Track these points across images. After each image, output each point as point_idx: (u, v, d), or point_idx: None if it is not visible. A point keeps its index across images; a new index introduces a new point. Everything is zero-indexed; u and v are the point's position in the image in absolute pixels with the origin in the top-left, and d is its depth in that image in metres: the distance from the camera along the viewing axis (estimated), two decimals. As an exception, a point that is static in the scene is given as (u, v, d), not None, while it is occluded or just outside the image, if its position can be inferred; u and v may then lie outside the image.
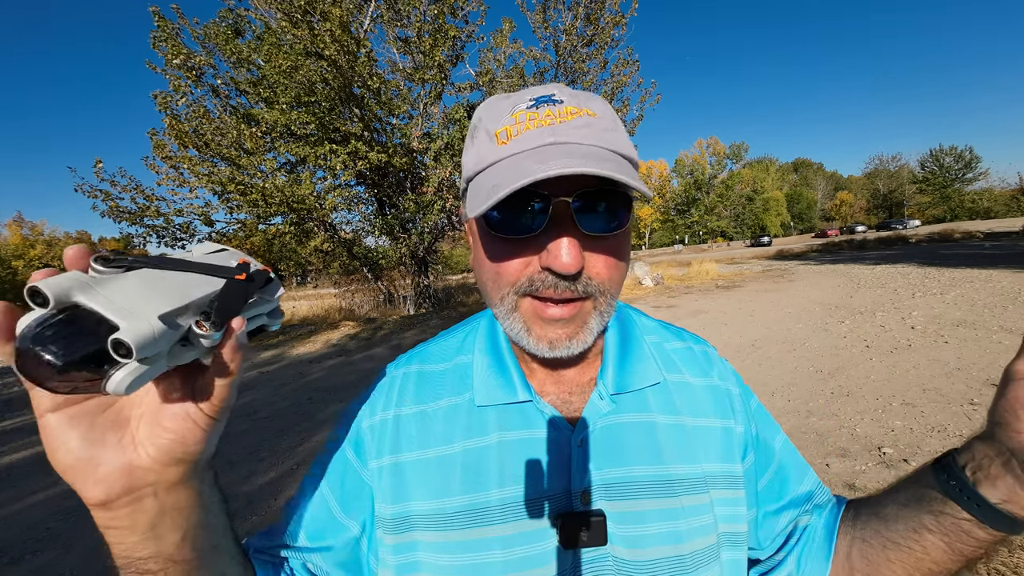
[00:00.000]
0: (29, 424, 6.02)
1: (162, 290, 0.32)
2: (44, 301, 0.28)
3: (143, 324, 0.29)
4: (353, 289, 14.52)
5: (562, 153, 0.42)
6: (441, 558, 0.48)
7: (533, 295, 0.46)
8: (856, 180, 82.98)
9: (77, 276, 0.29)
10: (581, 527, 0.47)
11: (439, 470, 0.51)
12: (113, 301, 0.29)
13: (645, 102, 12.04)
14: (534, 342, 0.47)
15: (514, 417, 0.53)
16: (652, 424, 0.53)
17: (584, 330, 0.47)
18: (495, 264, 0.47)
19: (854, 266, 14.79)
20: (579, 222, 0.43)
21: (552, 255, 0.43)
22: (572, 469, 0.50)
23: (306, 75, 8.85)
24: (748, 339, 6.36)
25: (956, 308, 6.77)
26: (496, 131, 0.47)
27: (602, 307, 0.47)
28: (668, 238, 73.40)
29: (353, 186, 12.08)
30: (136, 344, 0.28)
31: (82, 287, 0.29)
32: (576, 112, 0.46)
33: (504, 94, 0.52)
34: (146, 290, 0.31)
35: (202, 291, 0.34)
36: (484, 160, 0.47)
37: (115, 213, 9.31)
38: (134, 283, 0.31)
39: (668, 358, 0.60)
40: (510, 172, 0.42)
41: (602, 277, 0.46)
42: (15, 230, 43.40)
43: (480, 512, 0.49)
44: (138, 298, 0.30)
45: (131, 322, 0.29)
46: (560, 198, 0.43)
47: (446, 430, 0.53)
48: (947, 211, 64.17)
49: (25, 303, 0.29)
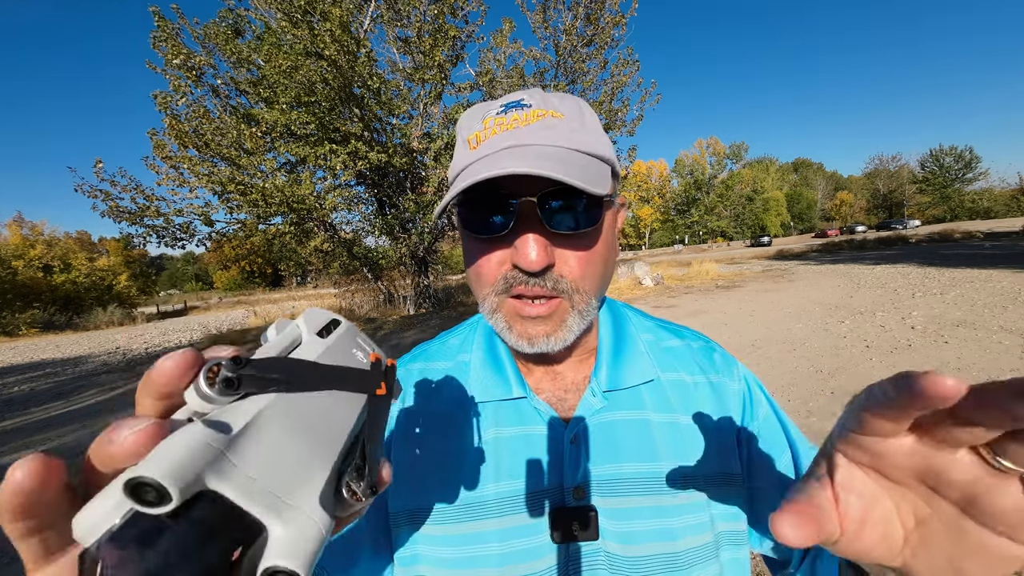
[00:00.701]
0: (29, 424, 6.03)
1: (313, 435, 0.23)
2: (159, 499, 0.17)
3: (305, 532, 0.20)
4: (353, 289, 14.52)
5: (515, 156, 0.44)
6: (440, 550, 0.50)
7: (512, 295, 0.48)
8: (856, 180, 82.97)
9: (206, 442, 0.19)
10: (573, 522, 0.49)
11: (438, 465, 0.53)
12: (256, 482, 0.20)
13: (645, 102, 12.05)
14: (515, 338, 0.49)
15: (510, 413, 0.54)
16: (645, 422, 0.54)
17: (563, 328, 0.48)
18: (474, 265, 0.50)
19: (854, 266, 14.79)
20: (546, 220, 0.45)
21: (519, 252, 0.45)
22: (565, 465, 0.51)
23: (306, 75, 8.85)
24: (748, 339, 6.36)
25: (956, 308, 6.77)
26: (468, 137, 0.50)
27: (580, 306, 0.48)
28: (668, 238, 73.40)
29: (353, 186, 12.10)
30: (304, 571, 0.19)
31: (216, 464, 0.19)
32: (541, 114, 0.48)
33: (484, 102, 0.55)
34: (293, 448, 0.22)
35: (348, 424, 0.25)
36: (457, 165, 0.50)
37: (115, 213, 9.31)
38: (274, 437, 0.21)
39: (664, 356, 0.60)
40: (468, 178, 0.44)
41: (574, 275, 0.47)
42: (15, 230, 43.41)
43: (477, 506, 0.50)
44: (286, 467, 0.21)
45: (289, 529, 0.20)
46: (525, 198, 0.44)
47: (445, 426, 0.55)
48: (947, 211, 64.17)
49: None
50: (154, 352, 12.45)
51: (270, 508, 0.20)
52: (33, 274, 35.41)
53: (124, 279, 44.44)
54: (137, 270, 52.59)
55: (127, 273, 47.09)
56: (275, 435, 0.21)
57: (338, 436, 0.24)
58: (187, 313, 35.51)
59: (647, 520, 0.50)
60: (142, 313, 32.76)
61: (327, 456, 0.23)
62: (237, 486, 0.19)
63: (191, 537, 0.18)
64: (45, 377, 10.15)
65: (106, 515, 0.18)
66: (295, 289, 42.26)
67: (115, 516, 0.18)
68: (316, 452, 0.23)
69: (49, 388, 8.50)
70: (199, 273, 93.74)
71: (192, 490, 0.18)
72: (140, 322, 28.36)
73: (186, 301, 48.84)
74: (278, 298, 38.09)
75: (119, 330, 24.16)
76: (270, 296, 47.52)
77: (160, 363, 0.21)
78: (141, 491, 0.17)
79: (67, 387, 8.43)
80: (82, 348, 15.89)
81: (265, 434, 0.21)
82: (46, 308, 31.16)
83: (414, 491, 0.52)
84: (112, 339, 18.30)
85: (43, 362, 13.07)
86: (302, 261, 14.50)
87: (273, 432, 0.21)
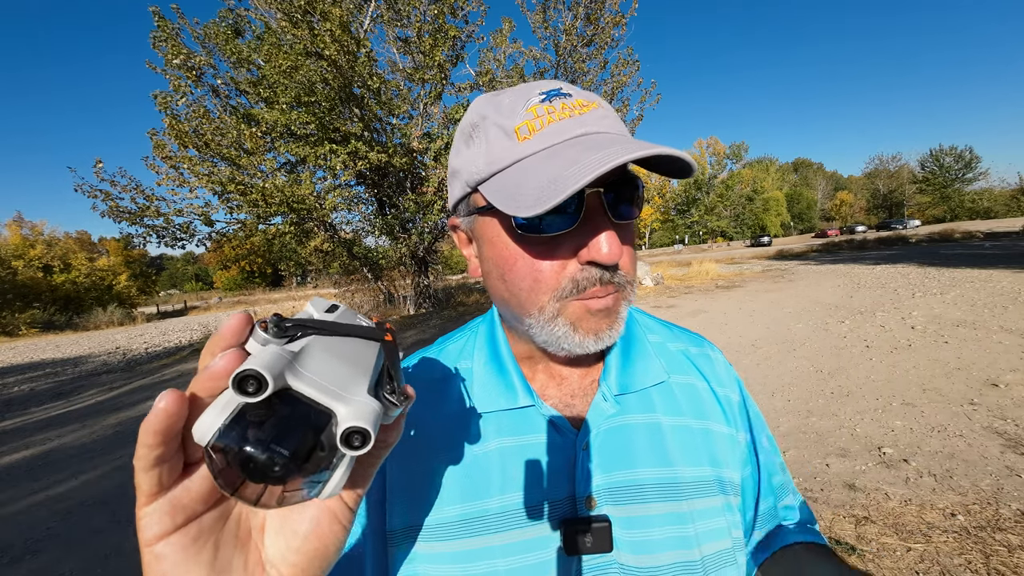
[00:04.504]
0: (29, 424, 6.02)
1: (350, 361, 0.28)
2: (258, 388, 0.23)
3: (365, 407, 0.26)
4: (353, 289, 14.52)
5: (606, 142, 0.41)
6: (442, 568, 0.47)
7: (579, 297, 0.45)
8: (856, 180, 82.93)
9: (280, 353, 0.25)
10: (585, 533, 0.46)
11: (440, 479, 0.50)
12: (319, 381, 0.25)
13: (645, 102, 12.05)
14: (580, 338, 0.46)
15: (516, 422, 0.52)
16: (658, 425, 0.52)
17: (619, 320, 0.47)
18: (531, 270, 0.45)
19: (854, 266, 14.79)
20: (610, 211, 0.43)
21: (595, 248, 0.42)
22: (577, 473, 0.49)
23: (306, 75, 8.84)
24: (748, 339, 6.36)
25: (956, 308, 6.77)
26: (515, 127, 0.44)
27: (629, 296, 0.48)
28: (668, 238, 73.36)
29: (353, 186, 12.09)
30: (373, 430, 0.25)
31: (290, 367, 0.25)
32: (588, 104, 0.46)
33: (500, 90, 0.50)
34: (338, 363, 0.28)
35: (372, 357, 0.31)
36: (503, 159, 0.44)
37: (115, 213, 9.30)
38: (323, 356, 0.27)
39: (672, 358, 0.59)
40: (556, 165, 0.40)
41: (627, 267, 0.46)
42: (15, 230, 43.34)
43: (481, 520, 0.48)
44: (338, 374, 0.27)
45: (352, 407, 0.25)
46: (593, 189, 0.42)
47: (447, 438, 0.52)
48: (947, 211, 64.08)
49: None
50: (154, 352, 12.45)
51: (334, 397, 0.25)
52: (33, 274, 35.41)
53: (124, 279, 44.46)
54: (137, 270, 52.54)
55: (127, 273, 47.08)
56: (324, 355, 0.27)
57: (367, 362, 0.30)
58: (187, 313, 35.50)
59: (663, 527, 0.48)
60: (142, 313, 32.78)
61: (364, 372, 0.29)
62: (307, 382, 0.25)
63: (282, 423, 0.24)
64: (45, 377, 10.15)
65: (217, 416, 0.24)
66: (295, 289, 42.24)
67: (223, 416, 0.23)
68: (356, 368, 0.28)
69: (49, 388, 8.51)
70: (199, 273, 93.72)
71: (279, 383, 0.24)
72: (140, 322, 28.37)
73: (186, 301, 48.85)
74: (278, 298, 38.07)
75: (119, 330, 24.15)
76: (270, 296, 47.49)
77: (223, 323, 0.27)
78: (245, 384, 0.23)
79: (67, 387, 8.43)
80: (82, 348, 15.89)
81: (316, 354, 0.27)
82: (46, 308, 31.18)
83: (414, 507, 0.49)
84: (112, 339, 18.30)
85: (43, 362, 13.07)
86: (302, 261, 14.49)
87: (322, 354, 0.27)
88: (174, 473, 0.26)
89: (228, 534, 0.29)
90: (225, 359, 0.25)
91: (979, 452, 2.85)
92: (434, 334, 8.70)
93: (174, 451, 0.26)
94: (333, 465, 0.26)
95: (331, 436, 0.25)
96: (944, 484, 2.57)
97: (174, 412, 0.24)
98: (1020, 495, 2.38)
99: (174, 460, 0.26)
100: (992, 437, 3.01)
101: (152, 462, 0.25)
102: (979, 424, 3.20)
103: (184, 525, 0.27)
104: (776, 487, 0.59)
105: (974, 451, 2.87)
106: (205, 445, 0.24)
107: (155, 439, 0.24)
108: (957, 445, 2.96)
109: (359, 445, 0.24)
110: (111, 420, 5.83)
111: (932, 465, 2.77)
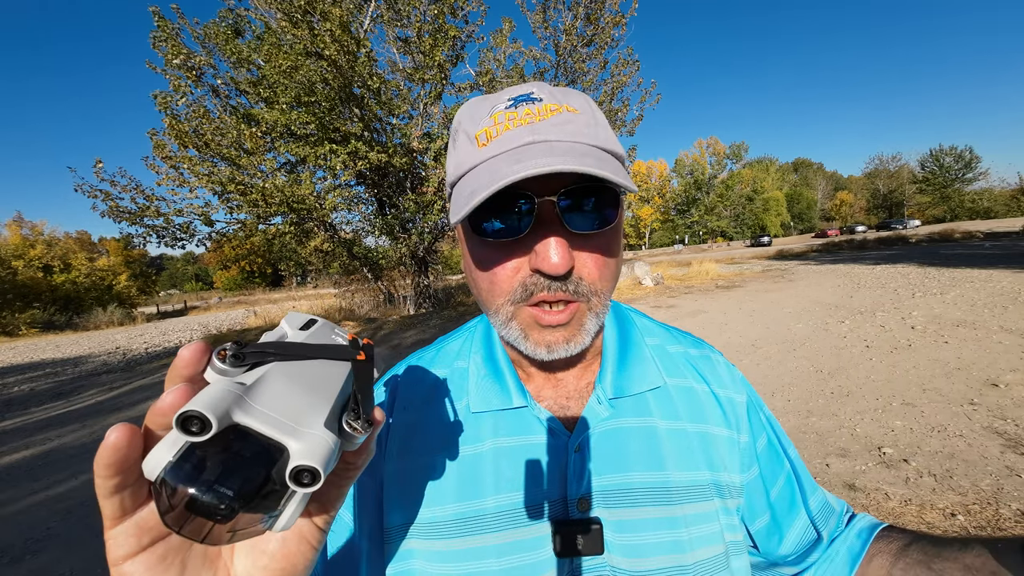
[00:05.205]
0: (29, 424, 6.02)
1: (309, 389, 0.27)
2: (202, 428, 0.22)
3: (318, 442, 0.25)
4: (353, 289, 14.53)
5: (541, 152, 0.41)
6: (436, 567, 0.47)
7: (532, 303, 0.45)
8: (856, 180, 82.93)
9: (229, 388, 0.24)
10: (577, 535, 0.46)
11: (434, 477, 0.50)
12: (271, 415, 0.25)
13: (645, 102, 12.06)
14: (531, 346, 0.47)
15: (510, 423, 0.52)
16: (652, 429, 0.52)
17: (581, 332, 0.46)
18: (486, 272, 0.46)
19: (854, 266, 14.79)
20: (566, 221, 0.42)
21: (541, 256, 0.42)
22: (569, 476, 0.49)
23: (306, 75, 8.85)
24: (748, 339, 6.36)
25: (956, 308, 6.77)
26: (476, 133, 0.46)
27: (596, 308, 0.47)
28: (668, 238, 73.37)
29: (353, 186, 12.09)
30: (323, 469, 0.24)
31: (239, 403, 0.24)
32: (556, 109, 0.45)
33: (484, 95, 0.51)
34: (296, 393, 0.27)
35: (339, 381, 0.30)
36: (464, 164, 0.46)
37: (115, 213, 9.30)
38: (279, 386, 0.26)
39: (671, 361, 0.58)
40: (486, 176, 0.41)
41: (593, 278, 0.45)
42: (15, 230, 43.28)
43: (475, 520, 0.48)
44: (293, 406, 0.26)
45: (304, 443, 0.24)
46: (545, 197, 0.42)
47: (442, 437, 0.52)
48: (947, 211, 64.09)
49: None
50: (154, 352, 12.45)
51: (285, 432, 0.24)
52: (33, 274, 35.38)
53: (124, 279, 44.43)
54: (137, 270, 52.50)
55: (127, 273, 47.05)
56: (280, 385, 0.27)
57: (332, 387, 0.29)
58: (187, 313, 35.51)
59: (655, 532, 0.48)
60: (142, 313, 32.78)
61: (325, 399, 0.27)
62: (256, 417, 0.24)
63: (229, 461, 0.23)
64: (45, 377, 10.15)
65: (166, 452, 0.23)
66: (295, 289, 42.25)
67: (171, 453, 0.23)
68: (315, 395, 0.27)
69: (49, 388, 8.50)
70: (199, 273, 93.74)
71: (224, 422, 0.23)
72: (140, 322, 28.36)
73: (186, 301, 48.85)
74: (278, 298, 38.08)
75: (119, 330, 24.14)
76: (270, 296, 47.54)
77: (180, 352, 0.27)
78: (188, 423, 0.22)
79: (67, 387, 8.43)
80: (82, 348, 15.88)
81: (272, 384, 0.26)
82: (46, 308, 31.17)
83: (409, 505, 0.50)
84: (112, 339, 18.29)
85: (43, 362, 13.07)
86: (302, 261, 14.49)
87: (278, 383, 0.27)
88: (137, 498, 0.26)
89: (196, 553, 0.29)
90: (172, 395, 0.25)
91: (979, 452, 2.85)
92: (434, 334, 8.71)
93: (133, 479, 0.26)
94: (285, 499, 0.25)
95: (282, 472, 0.24)
96: (944, 484, 2.57)
97: (123, 447, 0.24)
98: (1020, 495, 2.38)
99: (135, 486, 0.26)
100: (992, 437, 3.01)
101: (110, 491, 0.25)
102: (979, 424, 3.20)
103: (151, 545, 0.27)
104: (813, 483, 0.59)
105: (974, 451, 2.87)
106: (153, 481, 0.24)
107: (107, 471, 0.24)
108: (957, 445, 2.96)
109: (309, 483, 0.24)
110: (111, 420, 5.82)
111: (932, 465, 2.77)
